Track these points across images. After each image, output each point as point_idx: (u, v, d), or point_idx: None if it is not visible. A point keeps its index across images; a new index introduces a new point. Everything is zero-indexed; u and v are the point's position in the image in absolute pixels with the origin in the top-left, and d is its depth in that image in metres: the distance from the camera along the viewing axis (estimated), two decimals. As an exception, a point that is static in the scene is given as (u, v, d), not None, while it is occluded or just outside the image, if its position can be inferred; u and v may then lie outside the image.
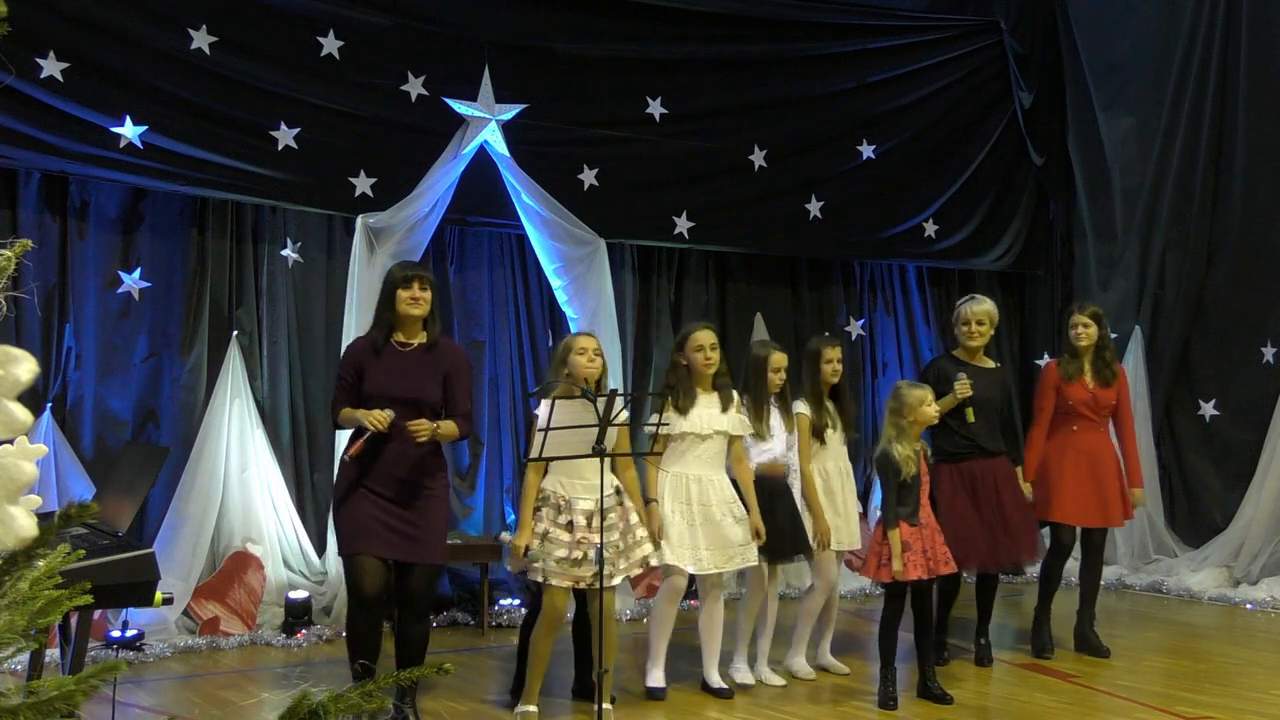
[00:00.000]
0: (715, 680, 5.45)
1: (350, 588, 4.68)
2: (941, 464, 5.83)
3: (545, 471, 4.89)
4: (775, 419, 5.61)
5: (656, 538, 5.13)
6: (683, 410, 5.29)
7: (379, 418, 4.51)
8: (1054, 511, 6.12)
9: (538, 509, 4.83)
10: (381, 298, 4.81)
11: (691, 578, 5.37)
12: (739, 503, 5.35)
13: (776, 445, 5.57)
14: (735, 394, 5.47)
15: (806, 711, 5.22)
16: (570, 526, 4.76)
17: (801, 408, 5.73)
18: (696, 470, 5.30)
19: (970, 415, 5.85)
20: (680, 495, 5.26)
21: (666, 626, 5.38)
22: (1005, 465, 5.96)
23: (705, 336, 5.40)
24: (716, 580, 5.43)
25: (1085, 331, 6.13)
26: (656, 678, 5.37)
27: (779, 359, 5.63)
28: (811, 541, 5.61)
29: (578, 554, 4.75)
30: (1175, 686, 5.58)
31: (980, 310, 6.00)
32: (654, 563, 5.13)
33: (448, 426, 4.67)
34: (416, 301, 4.70)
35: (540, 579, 4.77)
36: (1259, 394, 8.10)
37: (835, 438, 5.79)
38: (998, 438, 5.96)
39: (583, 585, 4.82)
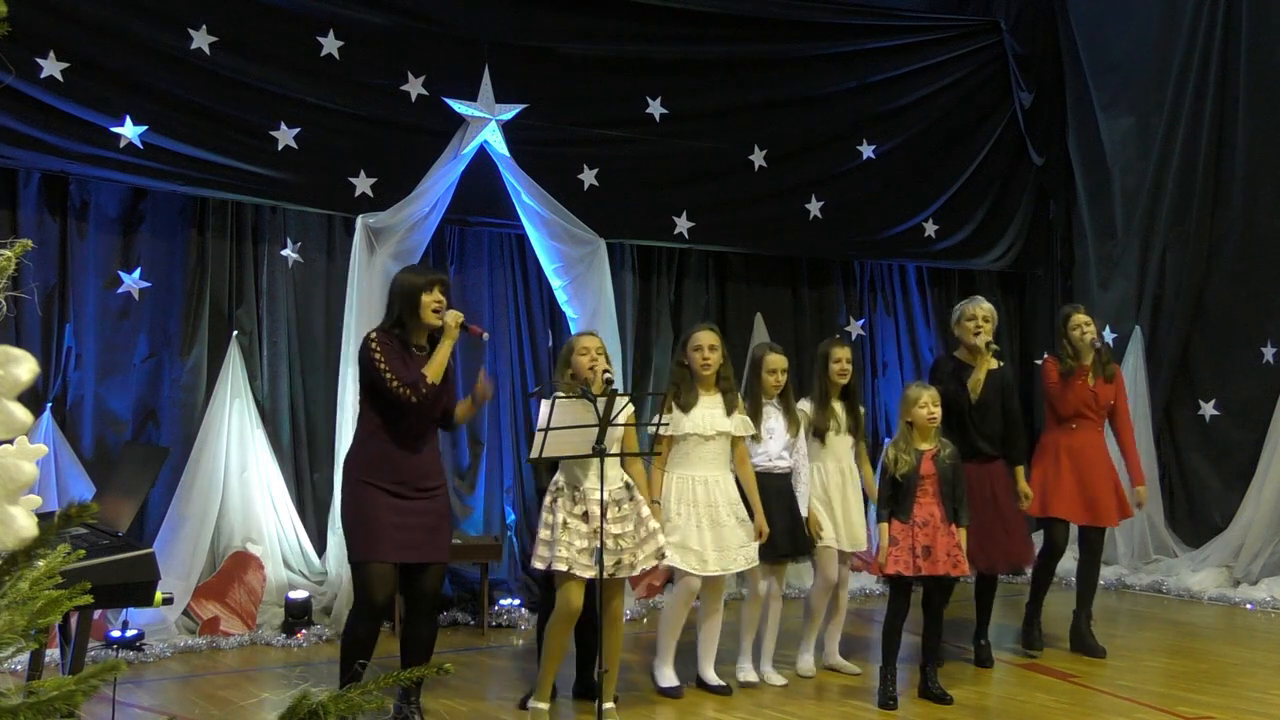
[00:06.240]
0: (712, 678, 5.46)
1: (361, 595, 4.56)
2: None
3: (556, 466, 4.89)
4: (776, 420, 5.61)
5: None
6: (684, 408, 5.30)
7: (455, 318, 4.66)
8: (1046, 508, 6.14)
9: (554, 500, 4.83)
10: (403, 300, 4.68)
11: (668, 580, 5.38)
12: (742, 503, 5.36)
13: (772, 446, 5.58)
14: (739, 396, 5.47)
15: (806, 710, 5.22)
16: (586, 517, 4.76)
17: (804, 406, 5.75)
18: (702, 471, 5.30)
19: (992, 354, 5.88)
20: (687, 497, 5.26)
21: (677, 627, 5.39)
22: (1001, 469, 5.97)
23: (705, 337, 5.41)
24: (718, 581, 5.43)
25: (1090, 330, 6.13)
26: (668, 677, 5.38)
27: (774, 360, 5.64)
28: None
29: (597, 543, 4.74)
30: (1175, 686, 5.58)
31: (986, 308, 6.03)
32: (667, 554, 5.12)
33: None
34: (441, 306, 4.66)
35: (565, 568, 4.75)
36: (1259, 394, 8.10)
37: (837, 439, 5.78)
38: (996, 440, 5.96)
39: (607, 573, 4.77)
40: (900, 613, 5.36)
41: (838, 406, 5.79)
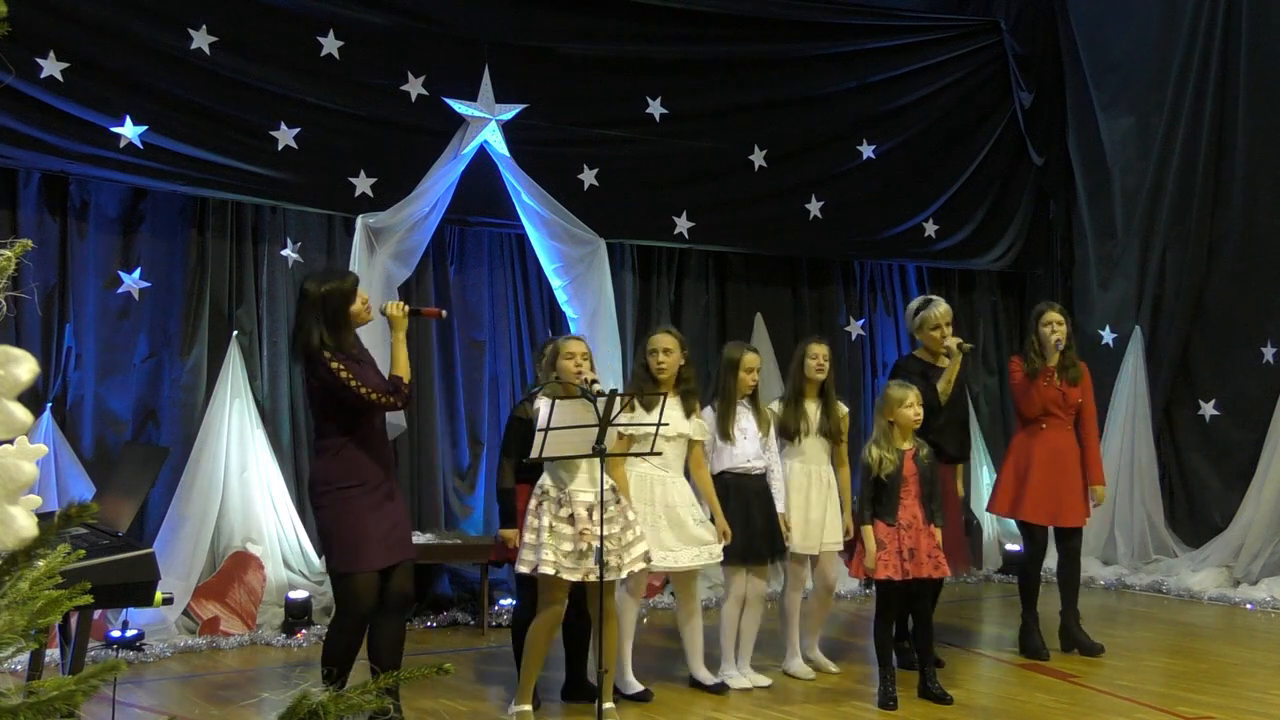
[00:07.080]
0: (704, 676, 5.46)
1: (347, 605, 4.48)
2: None
3: (542, 470, 4.88)
4: (748, 420, 5.57)
5: None
6: (646, 408, 5.25)
7: (399, 308, 4.61)
8: (1019, 509, 6.10)
9: (539, 504, 4.82)
10: (337, 307, 4.45)
11: (666, 580, 5.35)
12: (698, 505, 5.34)
13: (747, 447, 5.53)
14: (697, 400, 5.43)
15: (806, 711, 5.22)
16: (572, 519, 4.75)
17: (773, 406, 5.73)
18: (659, 471, 5.29)
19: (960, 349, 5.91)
20: (644, 495, 5.24)
21: (631, 630, 5.40)
22: (949, 474, 5.89)
23: (660, 340, 5.39)
24: (691, 577, 5.43)
25: (1060, 329, 6.07)
26: (633, 683, 5.35)
27: (751, 359, 5.61)
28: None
29: (582, 545, 4.71)
30: (1175, 686, 5.58)
31: (943, 310, 6.01)
32: (654, 558, 5.11)
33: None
34: (368, 303, 4.59)
35: (552, 571, 4.74)
36: (1259, 394, 8.09)
37: (806, 441, 5.70)
38: (955, 442, 5.92)
39: (592, 578, 4.74)
40: (890, 616, 5.36)
41: (810, 407, 5.73)
